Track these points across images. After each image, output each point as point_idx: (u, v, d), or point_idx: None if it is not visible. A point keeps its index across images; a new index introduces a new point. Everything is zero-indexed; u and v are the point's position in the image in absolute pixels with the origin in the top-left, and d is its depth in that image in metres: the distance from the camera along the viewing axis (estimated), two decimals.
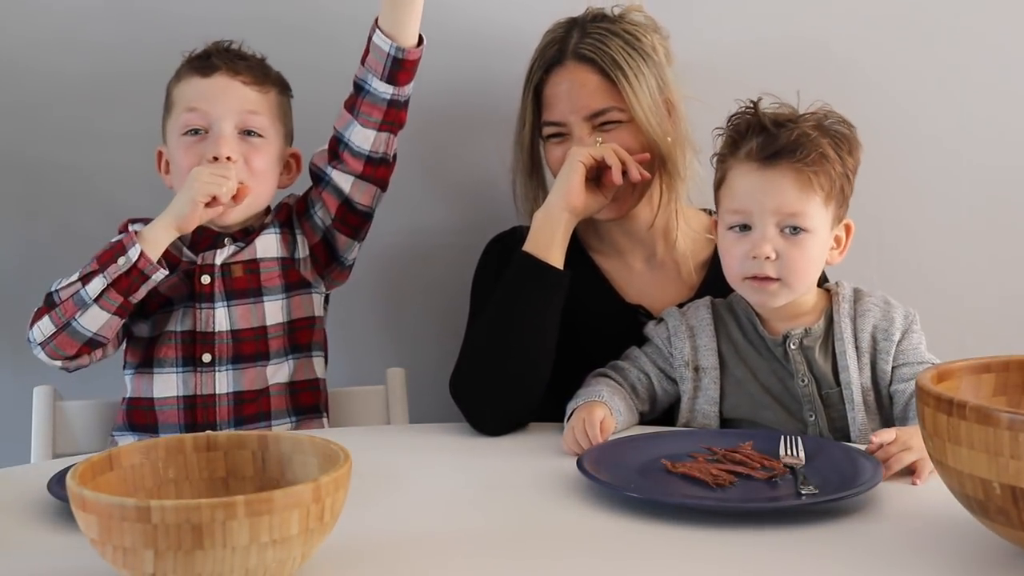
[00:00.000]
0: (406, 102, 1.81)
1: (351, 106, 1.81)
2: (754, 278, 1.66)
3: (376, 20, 1.77)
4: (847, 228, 1.71)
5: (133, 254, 1.68)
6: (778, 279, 1.65)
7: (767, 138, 1.66)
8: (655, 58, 1.86)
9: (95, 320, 1.69)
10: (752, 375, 1.71)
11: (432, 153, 2.19)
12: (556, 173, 1.87)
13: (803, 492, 1.39)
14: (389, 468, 1.60)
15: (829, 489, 1.40)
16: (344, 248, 1.88)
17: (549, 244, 1.77)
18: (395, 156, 1.85)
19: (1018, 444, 1.11)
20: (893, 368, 1.68)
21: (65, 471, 1.34)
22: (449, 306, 2.06)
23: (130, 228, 1.77)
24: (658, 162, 1.86)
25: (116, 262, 1.68)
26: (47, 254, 1.81)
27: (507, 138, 1.94)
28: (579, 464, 1.49)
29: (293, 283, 1.85)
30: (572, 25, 1.89)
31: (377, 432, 1.85)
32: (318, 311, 1.88)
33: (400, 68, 1.76)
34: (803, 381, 1.68)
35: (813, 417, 1.68)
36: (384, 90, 1.78)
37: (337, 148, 1.83)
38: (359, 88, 1.79)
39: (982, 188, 2.25)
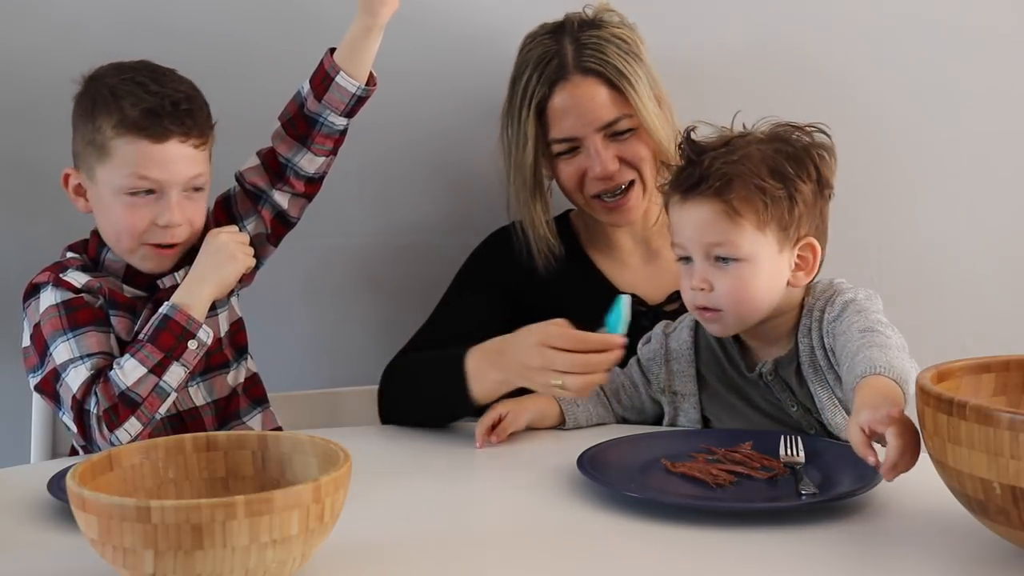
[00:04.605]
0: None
1: (303, 137, 1.82)
2: (700, 309, 1.62)
3: (330, 58, 1.78)
4: (812, 248, 1.61)
5: (205, 337, 1.69)
6: (717, 310, 1.61)
7: (687, 170, 1.61)
8: (643, 58, 1.89)
9: (169, 403, 1.68)
10: (744, 400, 1.70)
11: (429, 154, 2.19)
12: (569, 188, 1.91)
13: (803, 492, 1.39)
14: (389, 468, 1.60)
15: (829, 489, 1.40)
16: (265, 255, 1.90)
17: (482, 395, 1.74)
18: None
19: (1018, 444, 1.11)
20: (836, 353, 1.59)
21: (65, 471, 1.34)
22: None
23: (126, 291, 1.75)
24: (659, 160, 1.87)
25: (188, 347, 1.67)
26: (47, 254, 1.80)
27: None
28: (579, 464, 1.49)
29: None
30: (558, 34, 1.89)
31: (377, 432, 1.85)
32: (240, 312, 1.88)
33: (360, 104, 1.81)
34: (794, 407, 1.66)
35: (814, 432, 1.66)
36: (341, 123, 1.82)
37: (282, 172, 1.85)
38: (313, 121, 1.81)
39: (981, 188, 2.25)
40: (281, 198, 1.86)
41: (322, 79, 1.79)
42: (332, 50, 1.80)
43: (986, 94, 2.23)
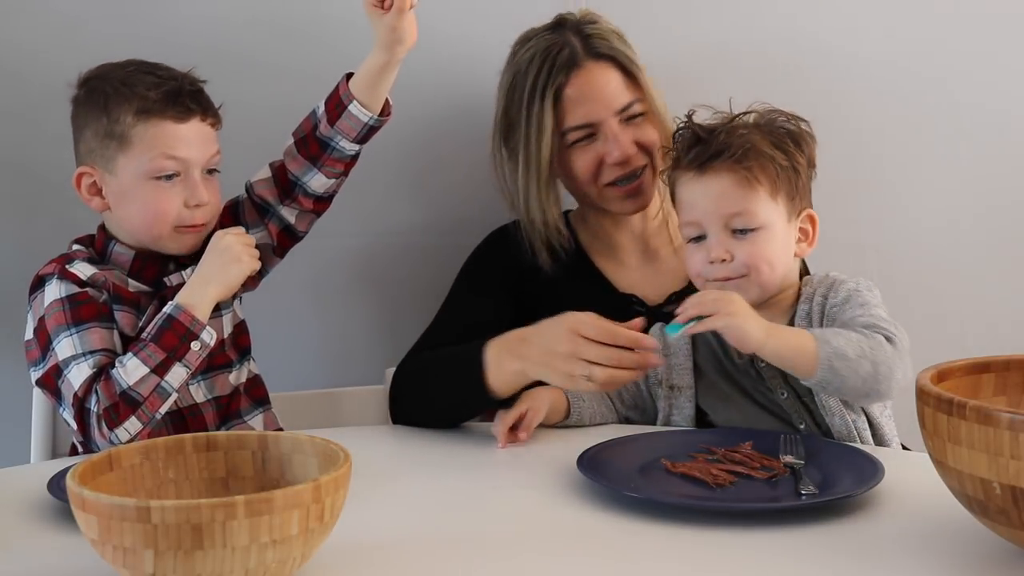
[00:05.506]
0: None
1: (314, 158, 1.82)
2: (720, 281, 1.65)
3: (346, 85, 1.78)
4: (811, 219, 1.70)
5: (208, 338, 1.68)
6: (738, 276, 1.65)
7: (701, 146, 1.67)
8: (636, 53, 1.93)
9: (170, 403, 1.68)
10: (740, 390, 1.71)
11: (428, 154, 2.19)
12: (583, 179, 1.91)
13: (803, 492, 1.39)
14: (389, 468, 1.60)
15: (829, 489, 1.40)
16: (270, 265, 1.90)
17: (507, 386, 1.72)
18: None
19: (1018, 444, 1.11)
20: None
21: (65, 471, 1.34)
22: None
23: (131, 284, 1.75)
24: (663, 152, 1.88)
25: (191, 348, 1.67)
26: (47, 254, 1.80)
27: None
28: (579, 464, 1.49)
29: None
30: (559, 29, 1.91)
31: (377, 432, 1.85)
32: (242, 315, 1.88)
33: (372, 132, 1.82)
34: (783, 394, 1.68)
35: (804, 425, 1.67)
36: (353, 149, 1.82)
37: (291, 189, 1.85)
38: (325, 144, 1.81)
39: (981, 188, 2.26)
40: (288, 214, 1.86)
41: (336, 104, 1.79)
42: (349, 75, 1.79)
43: (986, 93, 2.23)
